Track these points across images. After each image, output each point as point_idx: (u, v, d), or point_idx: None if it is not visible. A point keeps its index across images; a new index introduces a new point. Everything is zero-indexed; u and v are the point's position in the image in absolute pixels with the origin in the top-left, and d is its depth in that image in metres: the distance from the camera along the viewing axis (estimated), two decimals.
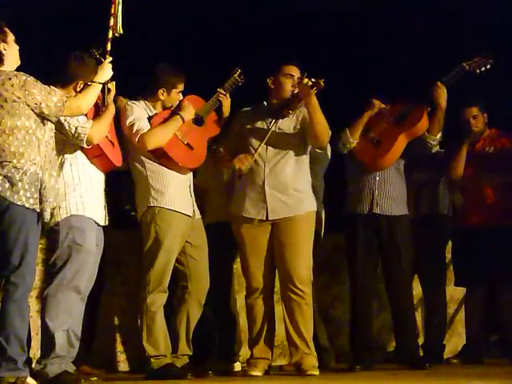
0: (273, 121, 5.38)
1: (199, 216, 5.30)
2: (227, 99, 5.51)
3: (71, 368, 4.65)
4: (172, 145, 5.18)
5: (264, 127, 5.41)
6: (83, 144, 4.67)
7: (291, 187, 5.35)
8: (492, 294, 6.16)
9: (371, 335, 5.77)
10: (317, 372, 5.22)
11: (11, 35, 4.44)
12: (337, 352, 6.12)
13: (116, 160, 4.91)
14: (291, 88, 5.39)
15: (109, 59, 4.76)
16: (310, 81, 5.16)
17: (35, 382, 4.39)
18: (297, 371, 5.29)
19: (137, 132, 5.10)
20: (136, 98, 5.29)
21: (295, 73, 5.40)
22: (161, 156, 5.17)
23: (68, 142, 4.70)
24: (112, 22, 4.84)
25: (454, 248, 6.29)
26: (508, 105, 6.58)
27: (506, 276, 5.94)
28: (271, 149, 5.36)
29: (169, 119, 5.21)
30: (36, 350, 4.97)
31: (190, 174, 5.31)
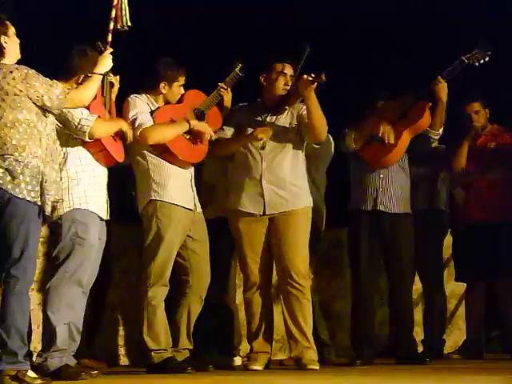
0: (268, 115, 5.40)
1: (200, 210, 5.30)
2: (228, 93, 5.52)
3: (72, 362, 4.65)
4: (174, 139, 5.18)
5: (260, 121, 5.41)
6: (85, 137, 4.66)
7: (289, 182, 5.35)
8: (493, 290, 6.17)
9: (372, 330, 5.77)
10: (317, 366, 5.22)
11: (12, 28, 4.43)
12: (337, 346, 6.12)
13: (118, 155, 4.90)
14: (283, 86, 5.39)
15: (109, 50, 4.75)
16: (310, 76, 5.16)
17: (36, 375, 4.38)
18: (297, 365, 5.30)
19: (139, 126, 5.10)
20: (138, 92, 5.30)
21: (288, 71, 5.40)
22: (163, 151, 5.17)
23: (71, 137, 4.70)
24: (114, 14, 4.83)
25: (455, 243, 6.30)
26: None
27: (507, 272, 5.94)
28: (268, 144, 5.36)
29: (177, 122, 5.21)
30: (37, 343, 4.99)
31: (192, 168, 5.31)
